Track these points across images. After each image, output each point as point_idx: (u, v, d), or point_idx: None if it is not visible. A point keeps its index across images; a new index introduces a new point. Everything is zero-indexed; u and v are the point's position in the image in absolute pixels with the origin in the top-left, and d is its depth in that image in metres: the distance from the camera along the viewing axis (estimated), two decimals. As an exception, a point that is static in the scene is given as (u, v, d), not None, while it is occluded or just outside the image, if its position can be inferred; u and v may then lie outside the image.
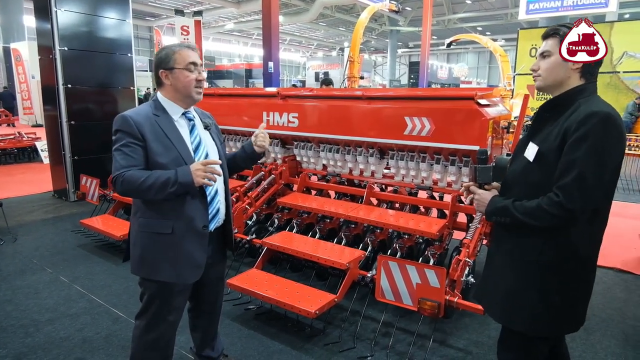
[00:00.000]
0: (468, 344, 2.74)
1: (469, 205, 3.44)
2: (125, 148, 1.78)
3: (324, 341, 2.73)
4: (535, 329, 1.59)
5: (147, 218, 1.87)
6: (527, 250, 1.56)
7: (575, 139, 1.42)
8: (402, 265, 2.54)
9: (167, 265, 1.87)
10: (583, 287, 1.58)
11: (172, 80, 1.88)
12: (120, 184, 1.76)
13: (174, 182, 1.75)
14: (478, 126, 3.14)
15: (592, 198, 1.43)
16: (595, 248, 1.58)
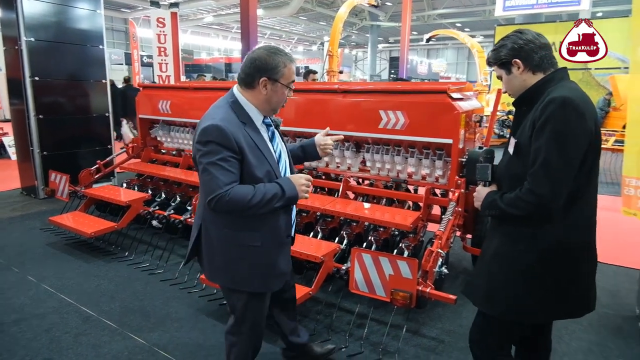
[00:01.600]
0: (440, 333, 2.79)
1: (441, 198, 3.50)
2: (224, 163, 1.62)
3: (300, 334, 2.72)
4: (517, 313, 1.63)
5: (235, 230, 1.76)
6: (516, 240, 1.61)
7: (538, 126, 1.50)
8: (375, 257, 2.56)
9: (257, 276, 1.81)
10: (571, 275, 1.59)
11: (270, 91, 1.73)
12: (225, 204, 1.61)
13: (281, 197, 1.69)
14: (451, 119, 3.17)
15: (560, 181, 1.47)
16: (584, 234, 1.60)
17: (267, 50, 1.73)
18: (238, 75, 1.78)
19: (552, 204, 1.49)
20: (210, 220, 1.80)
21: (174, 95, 4.89)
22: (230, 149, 1.63)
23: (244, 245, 1.76)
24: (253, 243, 1.76)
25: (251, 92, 1.74)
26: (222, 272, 1.83)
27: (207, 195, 1.63)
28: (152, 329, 2.78)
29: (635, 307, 3.06)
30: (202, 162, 1.65)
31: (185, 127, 4.97)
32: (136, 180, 5.05)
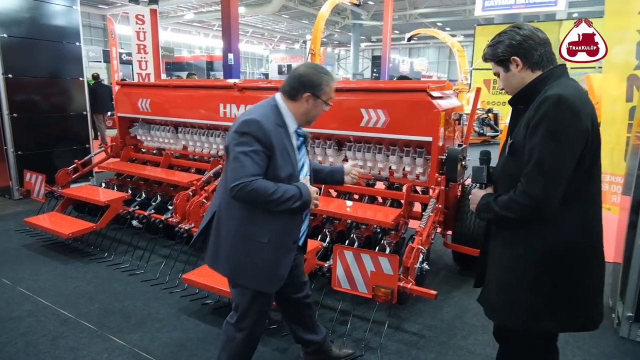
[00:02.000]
0: (422, 328, 2.83)
1: (422, 195, 3.54)
2: (255, 155, 1.75)
3: (282, 332, 2.73)
4: (531, 327, 1.55)
5: (246, 223, 1.84)
6: (514, 245, 1.55)
7: (532, 125, 1.45)
8: (357, 254, 2.58)
9: (259, 274, 1.87)
10: (580, 280, 1.50)
11: (311, 106, 1.89)
12: (247, 193, 1.72)
13: (298, 199, 1.81)
14: (430, 118, 3.22)
15: (554, 182, 1.42)
16: (587, 236, 1.51)
17: (314, 68, 1.90)
18: (282, 87, 1.91)
19: (546, 205, 1.43)
20: (224, 209, 1.88)
21: (154, 93, 4.82)
22: (263, 144, 1.76)
23: (252, 240, 1.84)
24: (261, 239, 1.84)
25: (293, 103, 1.90)
26: (225, 263, 1.90)
27: (232, 181, 1.73)
28: (132, 330, 2.75)
29: (609, 299, 3.16)
30: (234, 150, 1.77)
31: (165, 126, 4.91)
32: (115, 179, 4.97)
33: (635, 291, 2.62)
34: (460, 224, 3.49)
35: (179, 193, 3.79)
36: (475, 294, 3.32)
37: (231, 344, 1.98)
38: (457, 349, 2.60)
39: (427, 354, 2.55)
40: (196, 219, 3.67)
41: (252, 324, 1.96)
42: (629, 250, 2.69)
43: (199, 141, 4.66)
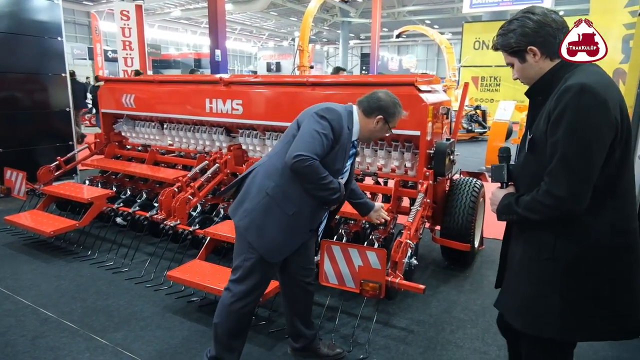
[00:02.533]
0: (410, 323, 2.81)
1: (410, 190, 3.53)
2: (326, 140, 1.94)
3: (270, 328, 2.69)
4: (562, 336, 1.43)
5: (280, 190, 1.98)
6: (541, 248, 1.42)
7: (554, 118, 1.32)
8: (344, 249, 2.55)
9: (269, 239, 1.98)
10: (614, 283, 1.37)
11: (379, 127, 2.15)
12: (305, 166, 1.87)
13: (337, 192, 2.01)
14: (418, 112, 3.20)
15: (581, 180, 1.29)
16: (621, 236, 1.36)
17: (393, 99, 2.16)
18: (360, 101, 2.17)
19: (574, 206, 1.31)
20: (267, 169, 2.05)
21: (138, 88, 4.74)
22: (334, 134, 1.98)
23: (278, 206, 1.98)
24: (286, 210, 1.98)
25: (365, 119, 2.14)
26: (244, 214, 2.01)
27: (297, 150, 1.88)
28: (116, 328, 2.68)
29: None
30: (310, 126, 1.95)
31: (151, 122, 4.83)
32: (100, 177, 4.86)
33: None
34: (448, 218, 3.48)
35: (164, 189, 3.73)
36: (463, 288, 3.36)
37: (225, 311, 2.06)
38: (445, 344, 2.59)
39: (415, 349, 2.53)
40: (182, 216, 3.61)
41: (246, 291, 2.03)
42: None
43: (185, 137, 4.60)
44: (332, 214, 2.42)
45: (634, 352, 2.52)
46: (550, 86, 1.42)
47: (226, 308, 2.07)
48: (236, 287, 2.05)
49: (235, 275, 2.07)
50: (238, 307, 2.05)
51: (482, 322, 2.83)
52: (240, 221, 2.03)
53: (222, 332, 2.08)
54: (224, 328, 2.08)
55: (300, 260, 2.22)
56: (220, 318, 2.08)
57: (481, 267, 3.67)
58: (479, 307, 3.03)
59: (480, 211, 3.89)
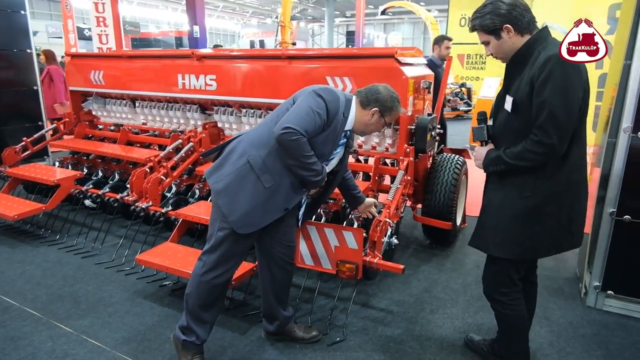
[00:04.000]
0: (390, 303, 2.74)
1: (392, 167, 3.42)
2: (318, 119, 1.90)
3: (245, 311, 2.60)
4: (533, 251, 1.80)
5: (262, 161, 1.93)
6: (523, 189, 1.73)
7: (540, 83, 1.60)
8: (320, 229, 2.44)
9: (241, 209, 1.91)
10: (575, 211, 1.77)
11: (374, 120, 2.09)
12: (291, 140, 1.83)
13: (318, 175, 1.96)
14: (399, 85, 3.04)
15: (566, 130, 1.61)
16: (582, 172, 1.76)
17: (392, 93, 2.10)
18: (359, 91, 2.12)
19: (559, 151, 1.63)
20: (252, 136, 2.01)
21: (107, 64, 4.49)
22: (328, 116, 1.94)
23: (256, 176, 1.92)
24: (264, 181, 1.92)
25: (361, 110, 2.09)
26: (221, 178, 1.95)
27: (288, 122, 1.84)
28: (82, 315, 2.56)
29: (576, 269, 3.15)
30: (306, 102, 1.91)
31: (122, 100, 4.60)
32: (70, 158, 4.65)
33: (602, 261, 2.59)
34: (430, 196, 3.40)
35: (135, 170, 3.56)
36: (444, 267, 3.30)
37: (196, 281, 2.01)
38: (424, 324, 2.53)
39: (394, 330, 2.47)
40: (154, 197, 3.46)
41: (217, 261, 1.98)
42: (598, 220, 2.65)
43: (159, 115, 4.39)
44: (316, 203, 2.33)
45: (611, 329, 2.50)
46: (524, 57, 1.71)
47: (197, 278, 2.02)
48: (208, 257, 2.01)
49: (208, 244, 2.02)
50: (209, 277, 1.99)
51: (463, 301, 2.77)
52: (215, 184, 1.97)
53: (193, 303, 2.03)
54: (194, 299, 2.02)
55: (280, 238, 2.14)
56: (192, 288, 2.03)
57: (463, 246, 3.62)
58: (459, 285, 2.98)
59: (463, 189, 3.82)
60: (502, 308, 1.93)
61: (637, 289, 2.58)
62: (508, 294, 1.90)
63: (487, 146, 1.86)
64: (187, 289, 2.05)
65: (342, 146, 2.14)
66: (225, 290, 2.11)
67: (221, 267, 2.00)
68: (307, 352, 2.26)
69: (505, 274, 1.88)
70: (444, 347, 2.31)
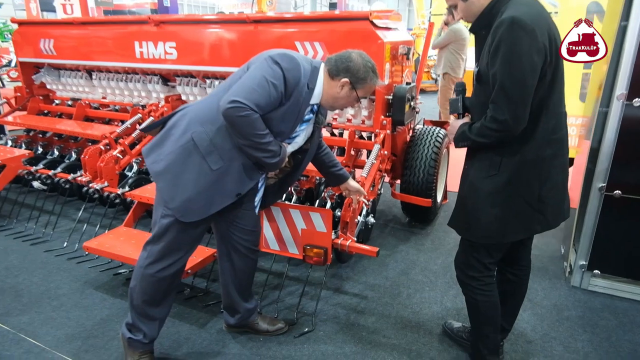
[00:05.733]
0: (364, 288, 2.55)
1: (368, 141, 3.18)
2: (274, 91, 1.61)
3: (206, 301, 2.37)
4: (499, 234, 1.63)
5: (209, 140, 1.65)
6: (490, 167, 1.58)
7: (492, 51, 1.45)
8: (285, 210, 2.21)
9: (184, 194, 1.66)
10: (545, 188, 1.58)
11: (343, 93, 1.78)
12: (239, 116, 1.55)
13: (275, 156, 1.69)
14: (374, 50, 2.78)
15: (519, 104, 1.43)
16: (552, 147, 1.55)
17: (366, 62, 1.76)
18: (329, 59, 1.78)
19: (515, 127, 1.46)
20: (198, 109, 1.73)
21: (57, 32, 4.07)
22: (286, 87, 1.64)
23: (201, 156, 1.65)
24: (210, 163, 1.66)
25: (329, 81, 1.77)
26: (161, 158, 1.68)
27: (236, 95, 1.55)
28: (22, 311, 2.30)
29: (561, 246, 3.00)
30: (259, 72, 1.61)
31: (77, 71, 4.22)
32: (25, 136, 4.28)
33: (589, 239, 2.43)
34: (409, 172, 3.18)
35: (88, 148, 3.25)
36: (423, 247, 3.10)
37: (139, 274, 1.78)
38: (400, 310, 2.34)
39: (368, 317, 2.28)
40: (110, 177, 3.16)
41: (162, 252, 1.74)
42: (585, 196, 2.47)
43: (118, 88, 4.03)
44: (283, 185, 2.07)
45: (597, 311, 2.36)
46: (490, 20, 1.53)
47: (141, 270, 1.78)
48: (152, 247, 1.76)
49: (152, 232, 1.77)
50: (153, 270, 1.75)
51: (442, 284, 2.60)
52: (153, 164, 1.70)
53: (138, 299, 1.80)
54: (139, 294, 1.79)
55: (239, 223, 1.89)
56: (135, 282, 1.80)
57: (444, 224, 3.43)
58: (439, 267, 2.80)
59: (444, 163, 3.62)
60: (472, 293, 1.77)
61: (625, 268, 2.44)
62: (478, 278, 1.74)
63: (462, 119, 1.70)
64: (131, 283, 1.81)
65: (308, 122, 1.85)
66: (176, 283, 1.87)
67: (168, 259, 1.75)
68: (272, 346, 2.05)
69: (475, 258, 1.72)
70: (420, 336, 2.13)
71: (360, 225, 2.57)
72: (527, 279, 1.89)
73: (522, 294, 1.92)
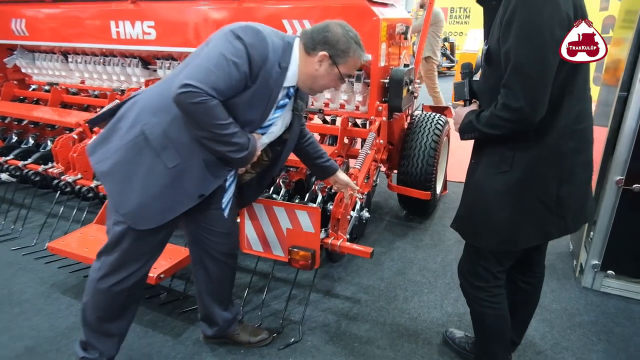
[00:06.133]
0: (357, 290, 2.34)
1: (363, 129, 2.94)
2: (236, 71, 1.34)
3: (183, 307, 2.16)
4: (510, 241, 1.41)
5: (164, 133, 1.40)
6: (500, 163, 1.36)
7: (504, 24, 1.22)
8: (268, 207, 1.98)
9: (137, 197, 1.42)
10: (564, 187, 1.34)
11: (323, 70, 1.49)
12: (192, 103, 1.29)
13: (243, 150, 1.42)
14: (369, 29, 2.53)
15: (538, 87, 1.20)
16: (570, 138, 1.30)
17: (347, 32, 1.49)
18: (304, 32, 1.51)
19: (532, 115, 1.22)
20: (150, 96, 1.47)
21: (28, 10, 3.77)
22: (251, 66, 1.36)
23: (154, 153, 1.41)
24: (166, 160, 1.41)
25: (305, 57, 1.50)
26: (107, 159, 1.44)
27: (188, 78, 1.30)
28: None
29: (570, 243, 2.79)
30: (217, 48, 1.34)
31: (53, 54, 3.94)
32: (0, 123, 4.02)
33: (603, 237, 2.22)
34: (406, 162, 2.95)
35: (60, 137, 3.00)
36: (421, 243, 2.87)
37: (92, 288, 1.56)
38: (396, 316, 2.14)
39: (361, 324, 2.07)
40: (84, 168, 2.92)
41: (117, 264, 1.51)
42: (600, 190, 2.25)
43: (95, 72, 3.76)
44: (260, 184, 1.83)
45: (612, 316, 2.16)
46: None
47: (93, 284, 1.55)
48: (105, 258, 1.53)
49: (106, 241, 1.54)
50: (107, 284, 1.52)
51: (442, 285, 2.39)
52: (98, 164, 1.47)
53: (91, 315, 1.58)
54: (92, 310, 1.57)
55: (210, 225, 1.65)
56: (88, 297, 1.58)
57: (443, 217, 3.22)
58: (438, 265, 2.59)
59: (444, 152, 3.38)
60: (478, 305, 1.55)
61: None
62: (486, 289, 1.52)
63: (469, 106, 1.46)
64: (84, 297, 1.58)
65: (284, 109, 1.58)
66: (136, 295, 1.64)
67: (123, 270, 1.52)
68: (254, 359, 1.85)
69: (482, 266, 1.50)
70: (419, 347, 1.93)
71: (353, 221, 2.36)
72: (541, 287, 1.69)
73: (535, 303, 1.71)
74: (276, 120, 1.58)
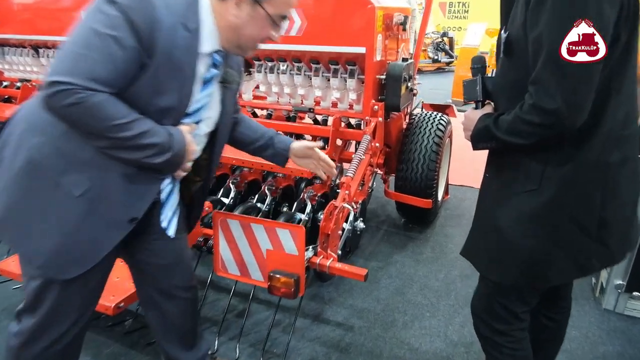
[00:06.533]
0: (350, 314, 2.07)
1: (357, 130, 2.66)
2: (116, 46, 0.98)
3: (150, 338, 1.88)
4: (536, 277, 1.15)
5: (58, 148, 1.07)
6: (526, 180, 1.10)
7: (533, 5, 0.99)
8: (245, 224, 1.70)
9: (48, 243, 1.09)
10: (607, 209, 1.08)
11: (245, 16, 1.12)
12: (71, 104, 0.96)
13: (165, 151, 1.09)
14: (363, 18, 2.26)
15: (580, 83, 0.96)
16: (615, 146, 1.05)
17: None
18: None
19: (572, 119, 0.97)
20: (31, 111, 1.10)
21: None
22: (138, 35, 1.00)
23: (53, 182, 1.07)
24: (71, 187, 1.08)
25: (220, 5, 1.12)
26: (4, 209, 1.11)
27: (54, 72, 0.98)
28: None
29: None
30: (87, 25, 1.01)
31: (23, 48, 3.65)
32: (-33, 123, 3.73)
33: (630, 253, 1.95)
34: (405, 166, 2.69)
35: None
36: (422, 256, 2.61)
37: (13, 355, 1.23)
38: (395, 346, 1.87)
39: (353, 358, 1.80)
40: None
41: (41, 326, 1.19)
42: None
43: (68, 67, 3.47)
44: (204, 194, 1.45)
45: None
46: None
47: (14, 353, 1.22)
48: (27, 321, 1.20)
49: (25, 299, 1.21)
50: (35, 351, 1.20)
51: (445, 308, 2.13)
52: (9, 240, 1.17)
53: None
54: None
55: (157, 256, 1.33)
56: None
57: (445, 225, 2.96)
58: (441, 283, 2.33)
59: (446, 155, 3.12)
60: (496, 352, 1.27)
61: (673, 289, 1.98)
62: (507, 333, 1.25)
63: (482, 109, 1.20)
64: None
65: (211, 83, 1.20)
66: (77, 353, 1.32)
67: (54, 331, 1.20)
68: (227, 404, 1.58)
69: (502, 305, 1.23)
70: (420, 385, 1.67)
71: (346, 234, 2.09)
72: (567, 323, 1.42)
73: (560, 341, 1.45)
74: (207, 101, 1.20)
